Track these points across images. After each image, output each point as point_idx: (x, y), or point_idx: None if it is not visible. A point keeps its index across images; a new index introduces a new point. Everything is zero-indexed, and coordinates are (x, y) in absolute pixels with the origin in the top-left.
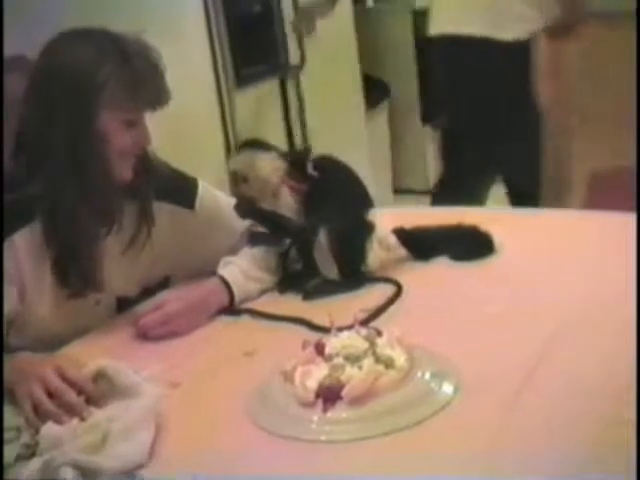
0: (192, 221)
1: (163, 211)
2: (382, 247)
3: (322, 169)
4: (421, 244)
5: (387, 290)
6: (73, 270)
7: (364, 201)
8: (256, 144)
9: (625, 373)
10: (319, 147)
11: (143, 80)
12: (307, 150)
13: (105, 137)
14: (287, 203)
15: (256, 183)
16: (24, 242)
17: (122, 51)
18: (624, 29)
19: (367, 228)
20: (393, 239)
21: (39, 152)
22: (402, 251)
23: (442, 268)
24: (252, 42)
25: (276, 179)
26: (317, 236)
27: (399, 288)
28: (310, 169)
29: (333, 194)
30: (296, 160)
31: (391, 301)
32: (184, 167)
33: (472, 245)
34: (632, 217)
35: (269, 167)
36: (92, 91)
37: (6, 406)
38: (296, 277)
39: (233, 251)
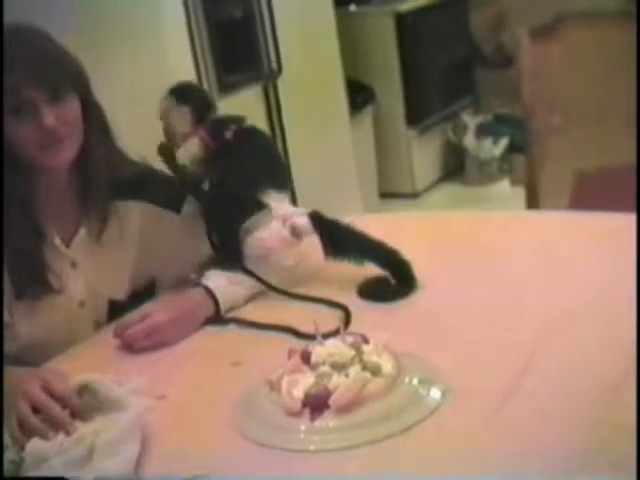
0: (178, 225)
1: (149, 213)
2: (286, 227)
3: (243, 138)
4: (334, 237)
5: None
6: (17, 272)
7: (266, 181)
8: (181, 91)
9: (614, 375)
10: (303, 152)
11: (15, 64)
12: (231, 118)
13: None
14: (191, 151)
15: (167, 130)
16: None
17: None
18: (606, 29)
19: (252, 206)
20: (302, 222)
21: None
22: (314, 238)
23: (429, 272)
24: (234, 49)
25: (184, 129)
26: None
27: (347, 314)
28: (229, 134)
29: (235, 164)
30: (217, 121)
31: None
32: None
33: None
34: (629, 217)
35: (179, 119)
36: None
37: None
38: None
39: None
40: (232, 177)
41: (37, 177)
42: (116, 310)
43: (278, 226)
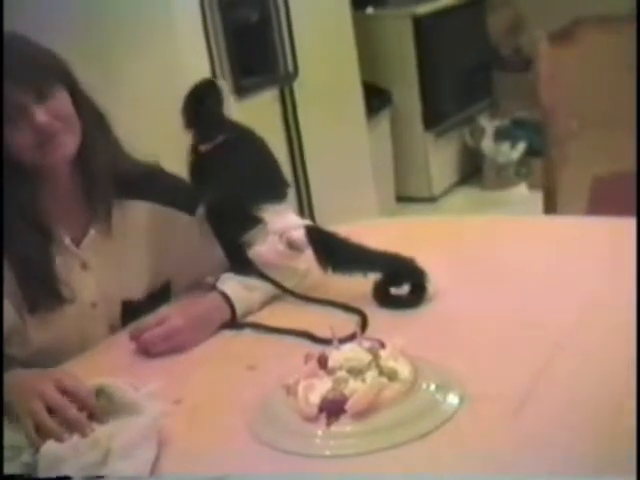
0: (193, 227)
1: (159, 214)
2: (282, 241)
3: (235, 146)
4: (331, 250)
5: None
6: (29, 286)
7: (261, 195)
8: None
9: (626, 382)
10: (320, 155)
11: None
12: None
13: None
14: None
15: None
16: None
17: None
18: (622, 33)
19: (247, 222)
20: (298, 235)
21: None
22: (309, 252)
23: (445, 277)
24: (251, 52)
25: None
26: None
27: (364, 319)
28: (214, 142)
29: (226, 178)
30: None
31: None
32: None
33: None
34: (632, 222)
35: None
36: None
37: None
38: None
39: None
40: (225, 192)
41: (42, 181)
42: (130, 312)
43: (275, 241)
